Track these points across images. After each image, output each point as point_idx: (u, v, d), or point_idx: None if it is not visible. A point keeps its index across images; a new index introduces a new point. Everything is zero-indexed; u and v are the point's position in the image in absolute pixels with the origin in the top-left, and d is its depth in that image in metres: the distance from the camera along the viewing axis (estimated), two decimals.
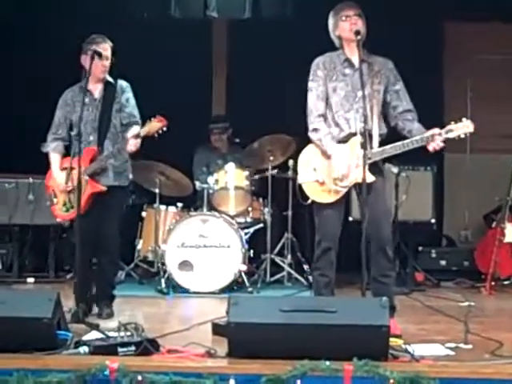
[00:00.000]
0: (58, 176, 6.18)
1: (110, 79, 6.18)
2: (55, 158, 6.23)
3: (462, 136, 5.32)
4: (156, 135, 5.95)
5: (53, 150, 6.23)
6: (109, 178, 6.10)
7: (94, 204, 6.01)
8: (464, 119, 5.32)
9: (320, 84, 5.52)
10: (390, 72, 5.60)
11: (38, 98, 6.16)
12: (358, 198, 5.56)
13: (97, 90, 6.14)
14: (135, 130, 6.05)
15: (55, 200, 6.22)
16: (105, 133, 6.09)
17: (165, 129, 5.94)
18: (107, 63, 6.07)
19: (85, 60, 6.05)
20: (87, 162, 5.98)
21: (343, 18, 5.50)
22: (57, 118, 6.23)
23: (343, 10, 5.52)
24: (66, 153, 6.24)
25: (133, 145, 5.97)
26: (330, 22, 5.60)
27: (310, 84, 5.57)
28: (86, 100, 5.99)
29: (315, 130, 5.51)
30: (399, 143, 5.40)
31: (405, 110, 5.57)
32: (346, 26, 5.49)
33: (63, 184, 6.12)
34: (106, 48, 6.03)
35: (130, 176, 6.29)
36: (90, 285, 6.17)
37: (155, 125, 5.92)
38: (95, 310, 6.16)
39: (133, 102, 6.20)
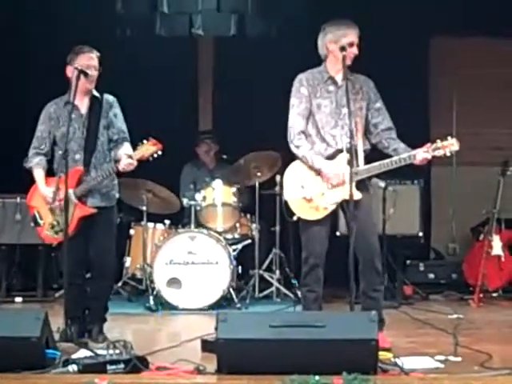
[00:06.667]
0: (44, 192, 5.76)
1: (96, 93, 5.83)
2: (40, 174, 5.82)
3: (448, 154, 5.34)
4: (150, 159, 5.63)
5: (36, 165, 5.81)
6: (96, 199, 5.77)
7: (82, 226, 5.68)
8: (449, 137, 5.33)
9: (302, 101, 5.50)
10: (371, 90, 5.60)
11: (25, 117, 6.13)
12: (344, 214, 5.55)
13: (83, 105, 5.78)
14: (127, 148, 5.73)
15: (41, 221, 5.85)
16: (91, 151, 5.74)
17: (160, 152, 5.61)
18: (94, 76, 5.73)
19: (70, 71, 5.71)
20: (73, 183, 5.64)
21: (347, 45, 5.38)
22: (39, 133, 5.85)
23: (348, 36, 5.40)
24: (48, 170, 5.88)
25: (126, 164, 5.59)
26: (330, 37, 5.45)
27: (293, 100, 5.55)
28: (72, 115, 5.65)
29: (297, 146, 5.48)
30: (387, 161, 5.41)
31: (387, 128, 5.58)
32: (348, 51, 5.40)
33: (52, 200, 5.70)
34: (92, 58, 5.71)
35: (117, 195, 5.97)
36: (83, 305, 5.89)
37: (150, 148, 5.57)
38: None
39: (121, 117, 5.87)
